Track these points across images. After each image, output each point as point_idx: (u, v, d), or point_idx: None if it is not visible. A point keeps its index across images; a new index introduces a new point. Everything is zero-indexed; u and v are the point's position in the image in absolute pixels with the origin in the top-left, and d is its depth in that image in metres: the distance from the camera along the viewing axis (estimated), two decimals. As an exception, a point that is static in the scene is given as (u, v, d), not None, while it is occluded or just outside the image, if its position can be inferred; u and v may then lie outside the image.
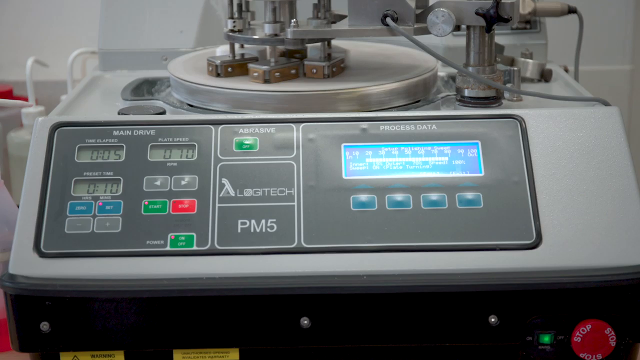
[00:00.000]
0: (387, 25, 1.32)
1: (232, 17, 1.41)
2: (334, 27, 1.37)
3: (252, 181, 1.22)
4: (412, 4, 1.32)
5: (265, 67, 1.35)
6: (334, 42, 1.50)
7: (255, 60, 1.42)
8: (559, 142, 1.23)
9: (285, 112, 1.29)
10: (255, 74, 1.35)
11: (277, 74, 1.35)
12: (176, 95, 1.42)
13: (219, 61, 1.39)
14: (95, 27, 1.67)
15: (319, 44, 1.38)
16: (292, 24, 1.35)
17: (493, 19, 1.29)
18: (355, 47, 1.53)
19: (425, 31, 1.32)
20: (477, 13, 1.29)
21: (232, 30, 1.41)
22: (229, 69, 1.39)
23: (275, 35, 1.37)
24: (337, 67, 1.39)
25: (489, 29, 1.30)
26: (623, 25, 2.02)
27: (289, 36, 1.35)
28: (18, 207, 1.22)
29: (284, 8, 1.40)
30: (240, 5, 1.41)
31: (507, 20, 1.29)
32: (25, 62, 1.84)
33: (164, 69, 1.53)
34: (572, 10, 1.59)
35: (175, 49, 1.63)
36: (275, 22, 1.38)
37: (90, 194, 1.21)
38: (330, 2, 1.40)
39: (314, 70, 1.36)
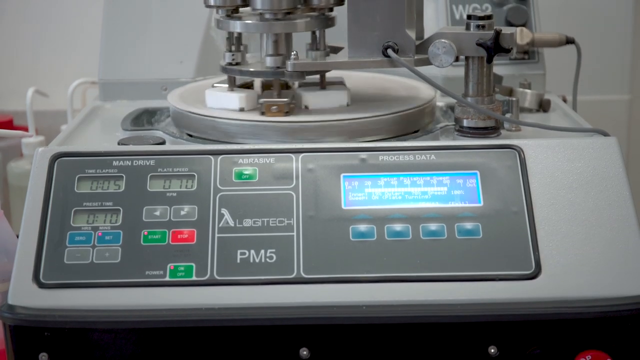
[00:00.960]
0: (389, 56, 1.33)
1: (230, 50, 1.41)
2: (334, 58, 1.38)
3: (252, 211, 1.22)
4: (413, 36, 1.33)
5: (283, 101, 1.35)
6: (332, 73, 1.50)
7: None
8: (557, 172, 1.24)
9: (284, 143, 1.29)
10: (275, 108, 1.35)
11: (274, 107, 1.36)
12: (176, 125, 1.43)
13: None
14: (96, 57, 1.68)
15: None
16: (292, 56, 1.36)
17: (490, 49, 1.29)
18: (353, 77, 1.53)
19: (426, 62, 1.33)
20: (478, 44, 1.30)
21: (230, 64, 1.41)
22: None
23: (278, 67, 1.38)
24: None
25: (490, 59, 1.31)
26: (621, 55, 2.03)
27: (290, 69, 1.35)
28: (18, 237, 1.22)
29: (281, 40, 1.40)
30: (239, 39, 1.42)
31: (508, 51, 1.30)
32: (26, 91, 1.85)
33: (164, 99, 1.54)
34: (569, 41, 1.60)
35: (176, 79, 1.64)
36: (277, 54, 1.38)
37: (90, 224, 1.21)
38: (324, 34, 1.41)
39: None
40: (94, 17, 1.94)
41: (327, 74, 1.45)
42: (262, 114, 1.35)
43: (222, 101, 1.39)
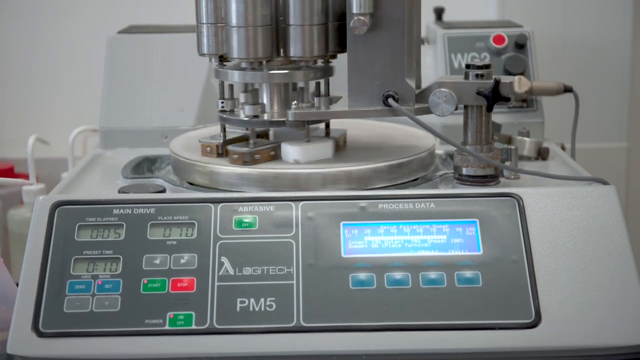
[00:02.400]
0: (390, 105, 1.33)
1: (222, 98, 1.42)
2: (335, 108, 1.39)
3: (252, 259, 1.22)
4: (413, 85, 1.34)
5: (244, 150, 1.36)
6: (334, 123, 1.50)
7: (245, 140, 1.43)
8: (556, 220, 1.24)
9: (284, 191, 1.29)
10: (235, 156, 1.36)
11: (256, 155, 1.36)
12: (176, 173, 1.43)
13: (217, 141, 1.40)
14: (97, 104, 1.69)
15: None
16: (293, 106, 1.36)
17: (489, 98, 1.30)
18: (352, 125, 1.54)
19: (426, 111, 1.34)
20: (477, 93, 1.31)
21: (222, 111, 1.41)
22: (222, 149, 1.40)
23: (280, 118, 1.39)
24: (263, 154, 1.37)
25: (490, 108, 1.32)
26: (619, 103, 2.04)
27: (290, 118, 1.36)
28: (17, 285, 1.22)
29: (279, 90, 1.41)
30: (231, 87, 1.43)
31: (507, 100, 1.31)
32: (27, 139, 1.85)
33: (165, 146, 1.54)
34: (568, 89, 1.61)
35: (176, 127, 1.65)
36: (281, 104, 1.39)
37: (90, 273, 1.21)
38: (328, 84, 1.42)
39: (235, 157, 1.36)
40: (95, 65, 1.96)
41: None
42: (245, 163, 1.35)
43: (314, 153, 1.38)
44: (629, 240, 1.22)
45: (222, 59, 1.40)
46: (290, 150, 1.37)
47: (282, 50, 1.38)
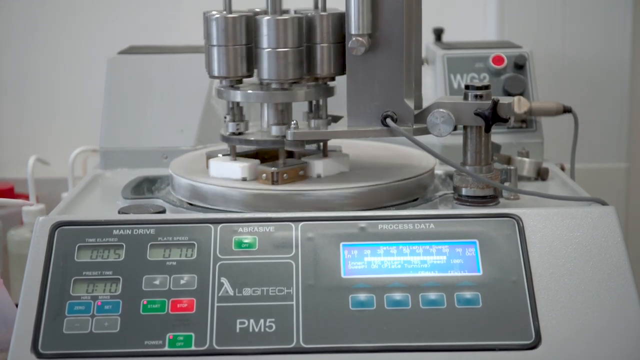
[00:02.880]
0: (388, 126, 1.34)
1: (233, 120, 1.42)
2: (334, 128, 1.39)
3: (251, 280, 1.22)
4: (411, 105, 1.34)
5: (273, 169, 1.36)
6: (331, 142, 1.51)
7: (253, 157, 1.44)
8: (556, 241, 1.24)
9: (284, 211, 1.29)
10: (264, 176, 1.37)
11: (285, 175, 1.37)
12: (176, 193, 1.43)
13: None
14: (97, 125, 1.70)
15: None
16: (292, 125, 1.37)
17: (488, 119, 1.31)
18: (352, 146, 1.54)
19: (425, 131, 1.34)
20: (476, 113, 1.31)
21: (232, 133, 1.42)
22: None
23: (277, 137, 1.39)
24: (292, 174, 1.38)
25: (488, 128, 1.32)
26: (618, 123, 2.05)
27: (289, 138, 1.36)
28: (17, 305, 1.22)
29: (281, 109, 1.42)
30: (240, 108, 1.43)
31: (506, 121, 1.31)
32: (27, 159, 1.86)
33: (165, 167, 1.55)
34: (567, 110, 1.61)
35: (176, 148, 1.65)
36: (282, 124, 1.40)
37: (90, 294, 1.21)
38: (327, 103, 1.42)
39: (264, 176, 1.37)
40: (96, 85, 1.96)
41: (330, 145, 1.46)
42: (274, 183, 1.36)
43: (225, 171, 1.39)
44: (629, 261, 1.22)
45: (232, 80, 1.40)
46: (316, 165, 1.39)
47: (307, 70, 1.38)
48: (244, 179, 1.37)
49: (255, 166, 1.39)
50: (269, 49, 1.34)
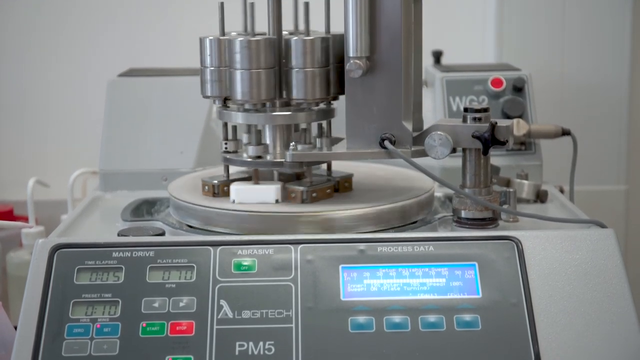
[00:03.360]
0: (386, 148, 1.34)
1: (226, 139, 1.43)
2: (333, 149, 1.39)
3: (251, 303, 1.22)
4: (410, 127, 1.35)
5: (302, 188, 1.37)
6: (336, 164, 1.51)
7: (248, 179, 1.44)
8: (555, 264, 1.24)
9: (282, 234, 1.29)
10: (293, 195, 1.37)
11: (314, 194, 1.37)
12: (175, 216, 1.43)
13: (215, 181, 1.41)
14: (96, 147, 1.70)
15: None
16: (291, 147, 1.37)
17: (489, 141, 1.31)
18: (352, 168, 1.54)
19: (423, 154, 1.35)
20: (473, 136, 1.32)
21: (226, 152, 1.43)
22: (225, 189, 1.41)
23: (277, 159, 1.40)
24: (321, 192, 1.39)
25: (485, 151, 1.32)
26: (617, 145, 2.05)
27: (288, 159, 1.37)
28: (16, 328, 1.22)
29: (282, 131, 1.42)
30: (235, 128, 1.44)
31: (503, 143, 1.31)
32: (27, 181, 1.86)
33: (164, 189, 1.55)
34: (566, 133, 1.61)
35: (176, 170, 1.65)
36: (285, 146, 1.40)
37: (89, 316, 1.20)
38: (330, 125, 1.43)
39: (293, 195, 1.38)
40: (95, 107, 1.96)
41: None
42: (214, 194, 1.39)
43: (255, 195, 1.38)
44: (628, 284, 1.22)
45: (226, 100, 1.41)
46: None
47: (284, 93, 1.39)
48: (277, 202, 1.38)
49: (282, 188, 1.39)
50: (297, 69, 1.36)
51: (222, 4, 1.39)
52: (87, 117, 2.15)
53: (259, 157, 1.40)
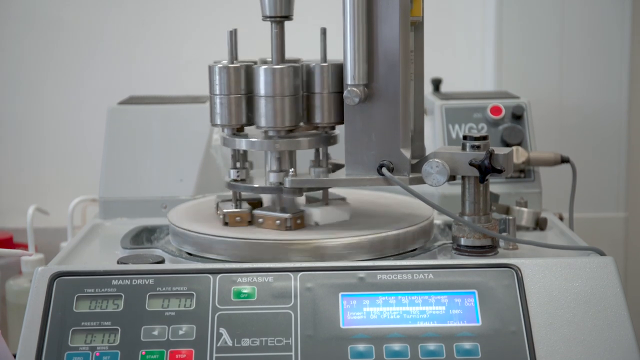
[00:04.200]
0: (383, 175, 1.34)
1: (235, 167, 1.44)
2: (331, 176, 1.40)
3: (250, 331, 1.21)
4: (408, 155, 1.35)
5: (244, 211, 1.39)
6: (332, 189, 1.52)
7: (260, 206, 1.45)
8: (555, 291, 1.24)
9: (282, 262, 1.30)
10: (278, 222, 1.38)
11: (298, 220, 1.39)
12: (175, 243, 1.43)
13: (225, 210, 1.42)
14: (96, 174, 1.70)
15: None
16: (290, 173, 1.38)
17: (487, 169, 1.31)
18: (352, 195, 1.55)
19: (420, 181, 1.35)
20: (471, 164, 1.32)
21: (235, 180, 1.43)
22: (237, 219, 1.41)
23: (280, 183, 1.40)
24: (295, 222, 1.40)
25: (482, 179, 1.33)
26: (616, 173, 2.05)
27: (287, 185, 1.37)
28: (14, 356, 1.21)
29: (284, 157, 1.43)
30: (244, 155, 1.44)
31: (500, 171, 1.32)
32: (26, 209, 1.86)
33: (164, 216, 1.55)
34: (565, 160, 1.62)
35: (175, 197, 1.65)
36: (280, 170, 1.41)
37: (88, 345, 1.20)
38: (327, 151, 1.43)
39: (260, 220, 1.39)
40: (95, 135, 1.97)
41: (331, 193, 1.47)
42: (225, 224, 1.39)
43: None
44: (628, 312, 1.22)
45: (239, 129, 1.42)
46: (313, 213, 1.40)
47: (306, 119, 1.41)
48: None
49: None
50: (265, 97, 1.36)
51: (232, 31, 1.40)
52: (87, 145, 2.15)
53: (242, 180, 1.42)
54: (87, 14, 2.15)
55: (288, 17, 1.42)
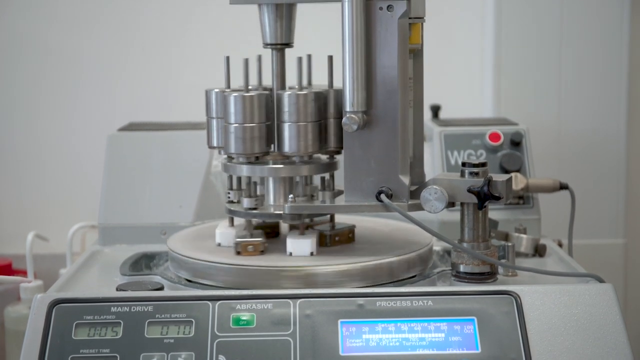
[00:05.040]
0: (382, 201, 1.35)
1: (230, 189, 1.44)
2: (330, 202, 1.40)
3: (249, 358, 1.21)
4: (406, 181, 1.35)
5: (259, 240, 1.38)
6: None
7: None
8: (554, 318, 1.24)
9: (281, 288, 1.29)
10: (250, 248, 1.38)
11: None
12: (174, 270, 1.43)
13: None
14: (96, 200, 1.70)
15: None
16: (289, 199, 1.38)
17: (485, 196, 1.31)
18: (355, 221, 1.54)
19: (419, 207, 1.35)
20: (469, 191, 1.32)
21: (230, 202, 1.44)
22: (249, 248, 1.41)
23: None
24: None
25: (481, 206, 1.33)
26: (615, 199, 2.06)
27: (287, 212, 1.37)
28: (13, 384, 1.21)
29: (284, 183, 1.43)
30: (253, 183, 1.45)
31: (498, 198, 1.32)
32: (26, 235, 1.86)
33: (163, 243, 1.55)
34: (563, 187, 1.62)
35: (175, 224, 1.66)
36: (284, 197, 1.42)
37: (86, 372, 1.20)
38: (333, 178, 1.44)
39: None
40: (95, 161, 1.97)
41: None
42: (238, 253, 1.38)
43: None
44: (628, 339, 1.22)
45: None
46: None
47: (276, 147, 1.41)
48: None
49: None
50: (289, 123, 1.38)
51: (227, 57, 1.41)
52: (86, 171, 2.16)
53: (254, 208, 1.41)
54: (87, 41, 2.16)
55: (289, 45, 1.43)
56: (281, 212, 1.40)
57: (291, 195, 1.39)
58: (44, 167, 2.20)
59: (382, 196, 1.35)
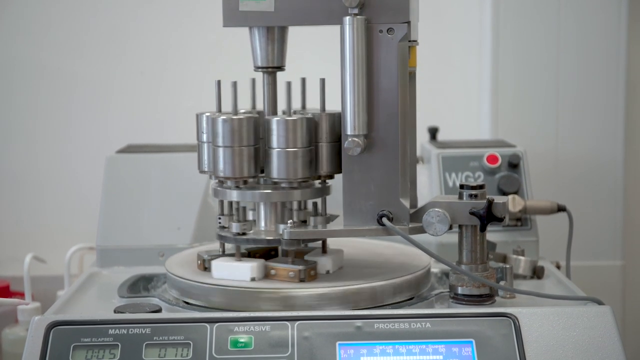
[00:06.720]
0: (383, 225, 1.35)
1: (222, 214, 1.44)
2: (330, 227, 1.40)
3: (247, 380, 1.21)
4: (407, 204, 1.35)
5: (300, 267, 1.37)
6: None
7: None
8: (552, 341, 1.24)
9: (279, 310, 1.29)
10: (292, 274, 1.37)
11: (312, 272, 1.37)
12: (172, 292, 1.43)
13: (206, 255, 1.42)
14: (93, 222, 1.70)
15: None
16: (289, 225, 1.38)
17: (486, 218, 1.31)
18: (349, 243, 1.54)
19: (420, 230, 1.35)
20: (471, 213, 1.32)
21: (222, 227, 1.43)
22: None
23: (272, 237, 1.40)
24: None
25: (483, 228, 1.33)
26: (612, 220, 2.06)
27: (286, 237, 1.37)
28: (10, 407, 1.21)
29: (275, 208, 1.43)
30: (242, 208, 1.44)
31: (500, 220, 1.32)
32: (23, 257, 1.85)
33: (161, 265, 1.55)
34: (561, 209, 1.62)
35: (173, 246, 1.65)
36: (282, 222, 1.41)
37: (83, 395, 1.20)
38: (326, 202, 1.44)
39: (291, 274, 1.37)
40: (93, 183, 1.97)
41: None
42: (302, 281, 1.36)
43: (231, 272, 1.38)
44: (626, 361, 1.22)
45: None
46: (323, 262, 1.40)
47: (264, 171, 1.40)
48: (253, 279, 1.37)
49: (262, 266, 1.38)
50: (278, 149, 1.37)
51: (219, 81, 1.41)
52: (84, 193, 2.16)
53: (244, 233, 1.40)
54: (84, 63, 2.17)
55: (280, 68, 1.43)
56: (271, 237, 1.40)
57: (290, 221, 1.39)
58: (42, 189, 2.20)
59: (384, 220, 1.35)
